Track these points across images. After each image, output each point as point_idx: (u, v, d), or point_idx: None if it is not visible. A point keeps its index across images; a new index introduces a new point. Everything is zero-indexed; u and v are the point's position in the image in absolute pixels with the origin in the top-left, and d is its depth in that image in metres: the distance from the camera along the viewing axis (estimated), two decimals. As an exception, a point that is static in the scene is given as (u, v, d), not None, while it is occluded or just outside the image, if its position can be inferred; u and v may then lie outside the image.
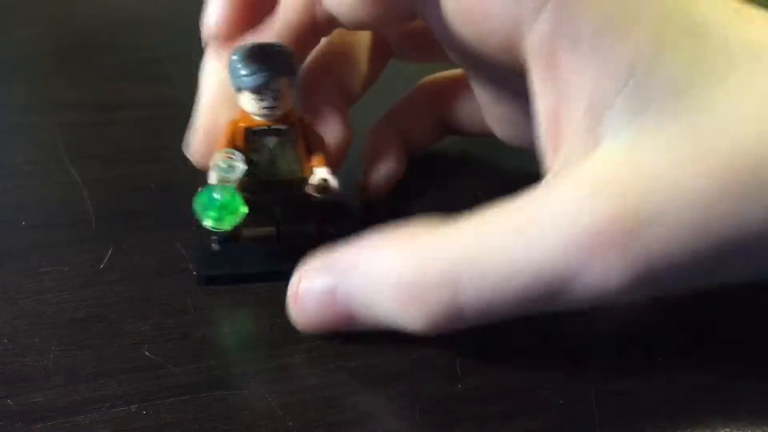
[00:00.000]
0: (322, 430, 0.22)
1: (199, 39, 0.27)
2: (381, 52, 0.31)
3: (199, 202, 0.25)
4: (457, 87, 0.32)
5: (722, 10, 0.22)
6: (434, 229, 0.23)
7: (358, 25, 0.27)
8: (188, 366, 0.24)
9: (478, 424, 0.22)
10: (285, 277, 0.25)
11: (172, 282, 0.27)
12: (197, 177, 0.32)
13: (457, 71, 0.32)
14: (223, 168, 0.25)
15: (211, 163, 0.25)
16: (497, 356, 0.25)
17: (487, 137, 0.31)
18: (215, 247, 0.27)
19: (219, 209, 0.25)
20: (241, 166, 0.25)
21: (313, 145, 0.26)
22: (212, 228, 0.25)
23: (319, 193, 0.26)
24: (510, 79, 0.25)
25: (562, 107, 0.22)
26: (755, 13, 0.23)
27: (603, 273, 0.20)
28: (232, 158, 0.25)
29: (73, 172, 0.33)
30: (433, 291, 0.22)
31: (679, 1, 0.22)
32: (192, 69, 0.41)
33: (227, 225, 0.25)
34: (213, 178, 0.25)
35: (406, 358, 0.24)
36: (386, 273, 0.22)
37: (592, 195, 0.21)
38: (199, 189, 0.25)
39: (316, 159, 0.26)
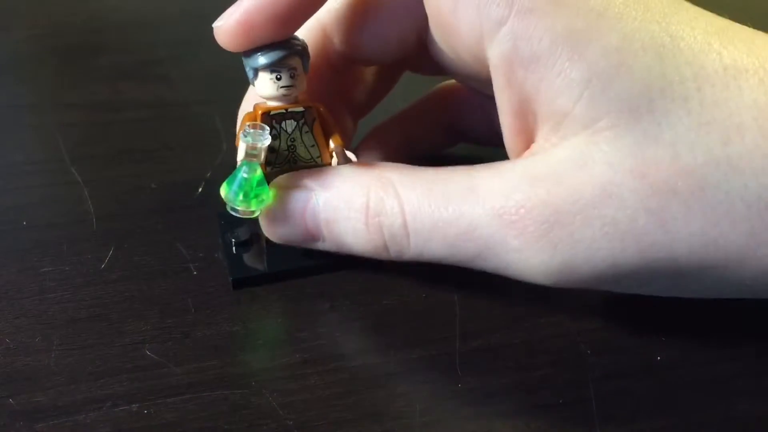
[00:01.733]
0: (322, 430, 0.22)
1: (199, 39, 0.27)
2: (392, 66, 0.31)
3: (227, 186, 0.25)
4: (471, 94, 0.32)
5: (702, 30, 0.22)
6: (404, 167, 0.25)
7: (374, 62, 0.28)
8: (189, 365, 0.24)
9: (478, 424, 0.22)
10: (315, 272, 0.27)
11: (173, 282, 0.27)
12: (197, 177, 0.32)
13: None
14: (251, 134, 0.25)
15: (238, 133, 0.25)
16: (497, 356, 0.25)
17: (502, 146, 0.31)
18: (235, 251, 0.28)
19: (246, 189, 0.25)
20: (267, 135, 0.25)
21: (328, 128, 0.26)
22: (240, 210, 0.25)
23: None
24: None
25: (526, 111, 0.23)
26: (742, 34, 0.22)
27: (518, 249, 0.22)
28: (258, 129, 0.25)
29: (73, 172, 0.33)
30: (389, 216, 0.24)
31: (648, 21, 0.22)
32: (192, 69, 0.41)
33: (254, 206, 0.25)
34: (241, 148, 0.25)
35: (406, 358, 0.24)
36: (354, 194, 0.25)
37: (532, 185, 0.22)
38: (225, 181, 0.25)
39: (333, 139, 0.26)
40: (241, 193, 0.25)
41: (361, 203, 0.24)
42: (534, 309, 0.26)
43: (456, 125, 0.33)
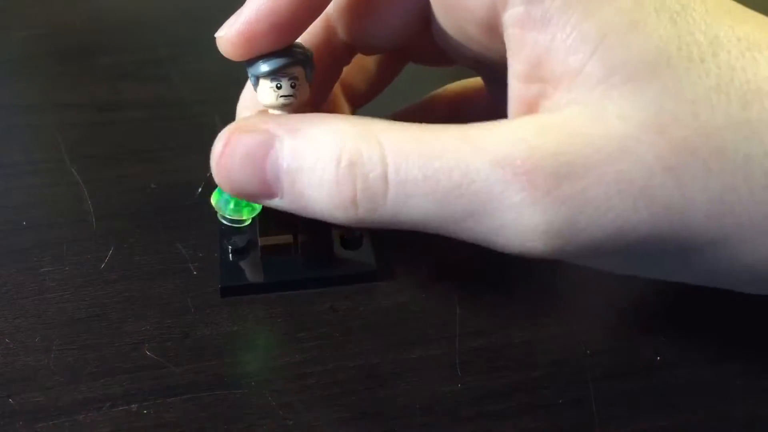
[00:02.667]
0: (322, 430, 0.22)
1: (199, 39, 0.27)
2: (395, 56, 0.31)
3: (217, 194, 0.26)
4: (474, 94, 0.32)
5: (714, 5, 0.22)
6: (396, 122, 0.23)
7: (377, 50, 0.28)
8: (189, 365, 0.24)
9: (477, 423, 0.22)
10: (306, 286, 0.26)
11: (173, 282, 0.27)
12: (197, 177, 0.32)
13: (476, 80, 0.32)
14: None
15: None
16: (497, 356, 0.25)
17: None
18: (231, 258, 0.28)
19: (237, 198, 0.25)
20: None
21: None
22: (230, 219, 0.26)
23: None
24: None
25: (535, 76, 0.22)
26: (752, 15, 0.22)
27: (519, 205, 0.20)
28: None
29: (73, 172, 0.33)
30: (366, 165, 0.21)
31: None
32: (192, 69, 0.41)
33: (245, 215, 0.26)
34: None
35: (406, 358, 0.24)
36: (327, 142, 0.22)
37: (541, 134, 0.20)
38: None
39: None
40: (232, 202, 0.26)
41: (333, 151, 0.22)
42: (534, 309, 0.26)
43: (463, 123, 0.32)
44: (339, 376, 0.24)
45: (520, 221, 0.20)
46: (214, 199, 0.26)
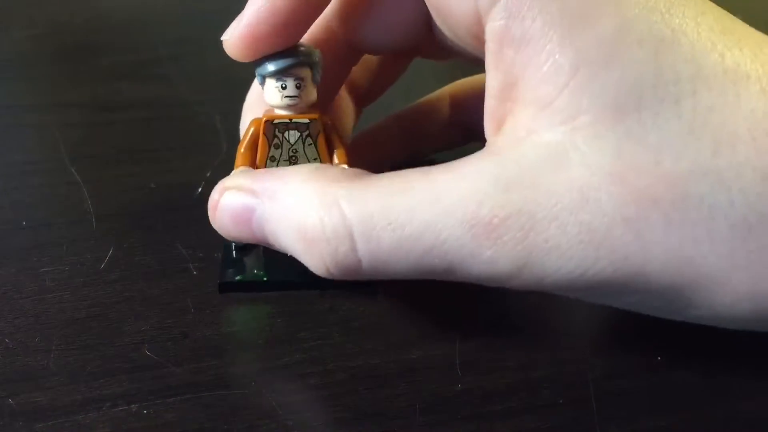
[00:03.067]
0: (322, 430, 0.22)
1: (199, 39, 0.27)
2: (400, 53, 0.31)
3: None
4: (478, 92, 0.31)
5: (707, 27, 0.21)
6: (357, 177, 0.23)
7: (382, 51, 0.28)
8: (188, 365, 0.24)
9: (478, 423, 0.22)
10: (306, 286, 0.26)
11: (172, 282, 0.27)
12: (197, 177, 0.32)
13: (479, 77, 0.32)
14: None
15: (242, 131, 0.26)
16: (497, 356, 0.25)
17: None
18: (235, 254, 0.28)
19: None
20: None
21: (334, 143, 0.26)
22: None
23: None
24: None
25: (508, 96, 0.22)
26: (751, 38, 0.21)
27: (490, 260, 0.21)
28: None
29: (73, 172, 0.33)
30: (332, 240, 0.22)
31: (649, 10, 0.20)
32: (192, 69, 0.41)
33: None
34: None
35: (406, 358, 0.24)
36: (295, 212, 0.23)
37: (504, 188, 0.21)
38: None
39: (337, 155, 0.26)
40: None
41: (297, 224, 0.22)
42: (534, 309, 0.26)
43: (467, 124, 0.32)
44: (339, 376, 0.24)
45: (493, 271, 0.21)
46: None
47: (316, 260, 0.23)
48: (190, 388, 0.23)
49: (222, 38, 0.25)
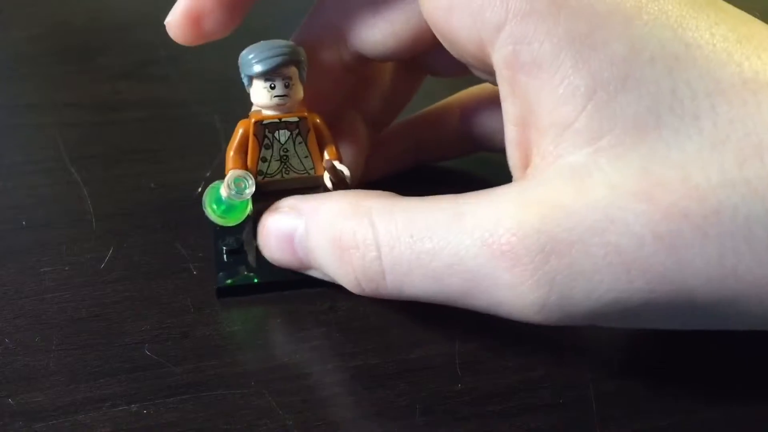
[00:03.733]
0: (322, 430, 0.22)
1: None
2: (410, 72, 0.31)
3: (208, 198, 0.26)
4: (492, 99, 0.31)
5: (722, 37, 0.20)
6: (390, 196, 0.23)
7: (389, 57, 0.27)
8: (188, 365, 0.24)
9: (478, 423, 0.22)
10: (302, 285, 0.26)
11: (172, 282, 0.27)
12: (197, 177, 0.32)
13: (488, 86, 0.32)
14: (234, 193, 0.25)
15: (225, 181, 0.25)
16: (497, 356, 0.25)
17: None
18: (226, 258, 0.28)
19: (227, 207, 0.26)
20: (249, 191, 0.25)
21: (324, 140, 0.26)
22: (217, 223, 0.26)
23: (335, 183, 0.26)
24: None
25: (527, 122, 0.22)
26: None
27: (510, 285, 0.20)
28: (243, 183, 0.25)
29: (73, 172, 0.33)
30: (361, 248, 0.22)
31: (660, 27, 0.20)
32: (192, 69, 0.41)
33: (231, 222, 0.26)
34: (223, 193, 0.26)
35: (406, 358, 0.24)
36: (332, 223, 0.23)
37: (523, 207, 0.20)
38: (211, 185, 0.26)
39: (328, 151, 0.26)
40: (222, 210, 0.26)
41: (334, 234, 0.23)
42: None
43: (476, 131, 0.31)
44: (339, 376, 0.24)
45: (515, 299, 0.21)
46: (206, 202, 0.26)
47: (346, 269, 0.23)
48: (190, 388, 0.23)
49: (165, 21, 0.25)
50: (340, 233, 0.23)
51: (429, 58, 0.28)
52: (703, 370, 0.24)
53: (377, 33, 0.26)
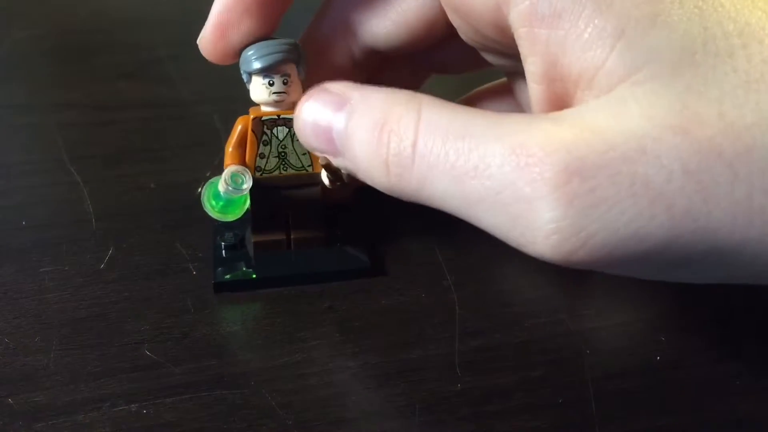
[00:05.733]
0: (322, 430, 0.22)
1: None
2: (417, 71, 0.31)
3: (206, 193, 0.26)
4: (497, 97, 0.30)
5: None
6: (442, 100, 0.23)
7: (399, 50, 0.27)
8: (188, 365, 0.24)
9: (478, 423, 0.22)
10: (299, 281, 0.26)
11: (172, 282, 0.27)
12: (197, 177, 0.32)
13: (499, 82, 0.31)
14: (232, 188, 0.26)
15: (222, 176, 0.26)
16: (497, 356, 0.25)
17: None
18: (225, 254, 0.28)
19: (225, 203, 0.26)
20: (246, 186, 0.26)
21: None
22: (216, 218, 0.27)
23: (332, 180, 0.26)
24: None
25: (553, 76, 0.21)
26: None
27: (527, 199, 0.19)
28: (240, 178, 0.26)
29: (73, 172, 0.33)
30: (398, 140, 0.22)
31: None
32: (192, 69, 0.41)
33: (230, 218, 0.27)
34: (221, 188, 0.26)
35: (406, 358, 0.24)
36: (379, 109, 0.23)
37: (557, 123, 0.20)
38: (209, 180, 0.26)
39: None
40: (220, 206, 0.27)
41: (380, 116, 0.22)
42: (534, 309, 0.26)
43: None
44: (339, 376, 0.24)
45: (530, 216, 0.20)
46: (204, 198, 0.27)
47: (381, 150, 0.22)
48: (189, 388, 0.23)
49: (198, 41, 0.25)
50: (387, 116, 0.22)
51: (438, 51, 0.28)
52: (703, 370, 0.24)
53: (389, 23, 0.26)
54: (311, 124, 0.24)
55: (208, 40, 0.25)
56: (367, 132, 0.23)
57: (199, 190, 0.31)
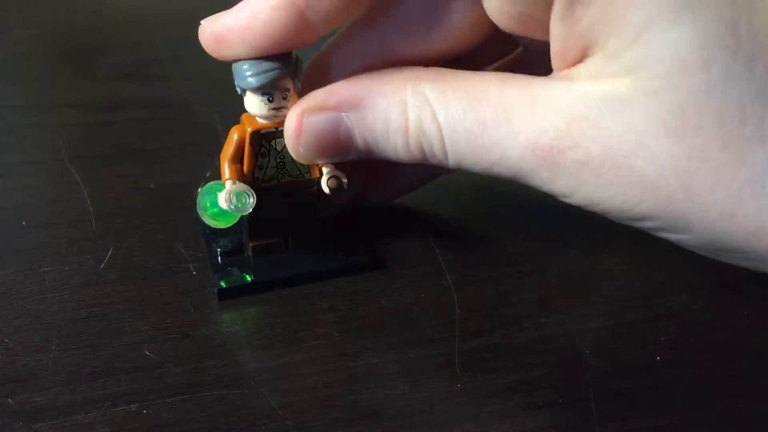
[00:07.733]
0: (322, 430, 0.22)
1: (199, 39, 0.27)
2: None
3: (202, 201, 0.26)
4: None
5: None
6: (438, 77, 0.24)
7: (447, 55, 0.26)
8: (188, 365, 0.24)
9: (477, 423, 0.22)
10: (299, 282, 0.27)
11: (172, 282, 0.27)
12: (197, 177, 0.32)
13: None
14: (235, 207, 0.25)
15: (224, 193, 0.25)
16: (497, 356, 0.25)
17: None
18: (220, 260, 0.28)
19: (221, 210, 0.26)
20: (251, 206, 0.25)
21: None
22: (210, 225, 0.26)
23: (332, 188, 0.25)
24: None
25: (574, 44, 0.22)
26: None
27: (547, 180, 0.22)
28: (245, 198, 0.25)
29: (73, 172, 0.33)
30: (426, 140, 0.24)
31: None
32: (192, 69, 0.41)
33: (225, 224, 0.26)
34: (223, 204, 0.25)
35: (406, 358, 0.24)
36: (390, 114, 0.24)
37: (568, 121, 0.22)
38: (206, 184, 0.26)
39: None
40: (214, 213, 0.26)
41: (401, 124, 0.24)
42: (534, 309, 0.26)
43: None
44: (339, 376, 0.24)
45: (550, 188, 0.23)
46: (199, 203, 0.26)
47: (416, 152, 0.24)
48: (189, 388, 0.23)
49: (201, 21, 0.24)
50: (408, 123, 0.24)
51: (477, 54, 0.28)
52: (703, 370, 0.24)
53: (433, 37, 0.25)
54: (314, 141, 0.24)
55: (206, 42, 0.24)
56: (393, 141, 0.24)
57: (199, 189, 0.31)
